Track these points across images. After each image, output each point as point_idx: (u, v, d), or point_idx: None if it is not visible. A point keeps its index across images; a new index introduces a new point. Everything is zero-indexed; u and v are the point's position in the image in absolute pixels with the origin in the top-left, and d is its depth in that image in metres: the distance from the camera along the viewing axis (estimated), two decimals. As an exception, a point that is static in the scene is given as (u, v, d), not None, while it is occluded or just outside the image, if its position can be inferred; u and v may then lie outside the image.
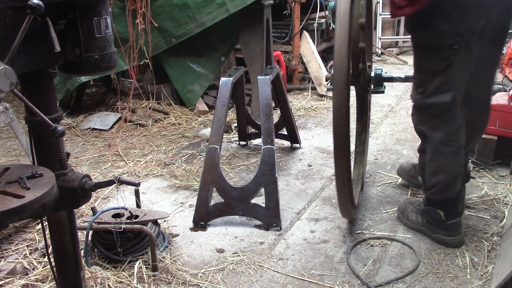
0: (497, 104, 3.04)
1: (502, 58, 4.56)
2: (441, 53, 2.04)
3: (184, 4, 4.14)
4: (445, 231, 2.32)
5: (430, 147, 2.21)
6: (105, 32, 1.27)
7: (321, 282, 2.08)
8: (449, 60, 2.03)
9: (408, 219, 2.49)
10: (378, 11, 7.13)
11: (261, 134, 2.61)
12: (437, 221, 2.33)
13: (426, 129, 2.20)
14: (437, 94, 2.10)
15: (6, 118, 2.61)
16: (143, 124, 4.16)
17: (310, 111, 4.57)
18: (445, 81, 2.07)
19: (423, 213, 2.41)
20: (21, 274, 2.09)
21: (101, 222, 2.12)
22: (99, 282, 2.00)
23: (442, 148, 2.17)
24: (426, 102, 2.14)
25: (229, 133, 3.93)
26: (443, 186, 2.24)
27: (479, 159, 3.11)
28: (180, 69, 4.54)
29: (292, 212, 2.69)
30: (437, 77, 2.08)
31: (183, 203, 2.82)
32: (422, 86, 2.14)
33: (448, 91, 2.08)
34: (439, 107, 2.11)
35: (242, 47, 4.11)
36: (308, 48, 5.24)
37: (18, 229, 2.45)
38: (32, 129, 1.28)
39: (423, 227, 2.41)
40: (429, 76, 2.10)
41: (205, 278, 2.11)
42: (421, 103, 2.18)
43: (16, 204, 1.04)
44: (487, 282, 2.04)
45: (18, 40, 1.04)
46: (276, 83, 3.15)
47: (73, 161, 3.43)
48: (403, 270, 2.14)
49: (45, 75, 1.24)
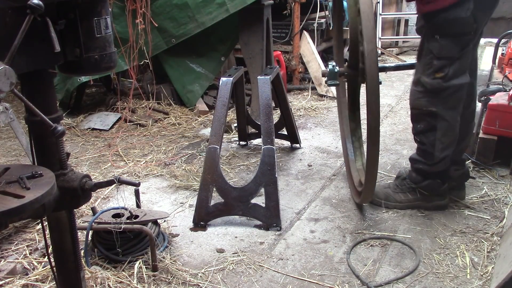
0: (497, 104, 3.04)
1: (502, 58, 4.56)
2: (461, 40, 2.30)
3: (184, 4, 4.14)
4: (440, 196, 2.60)
5: (444, 124, 2.42)
6: (105, 32, 1.27)
7: (321, 282, 2.08)
8: (467, 46, 2.32)
9: (397, 201, 2.66)
10: (378, 11, 7.13)
11: (261, 134, 2.61)
12: (435, 189, 2.58)
13: (439, 109, 2.40)
14: (457, 77, 2.35)
15: (6, 118, 2.61)
16: (143, 124, 4.16)
17: (310, 111, 4.57)
18: (462, 64, 2.34)
19: (414, 189, 2.62)
20: (21, 274, 2.09)
21: (101, 222, 2.12)
22: (99, 282, 2.00)
23: (455, 124, 2.44)
24: (447, 85, 2.35)
25: (229, 133, 3.93)
26: (449, 158, 2.50)
27: (479, 159, 3.11)
28: (180, 69, 4.54)
29: (292, 212, 2.69)
30: (456, 61, 2.32)
31: (183, 203, 2.82)
32: (442, 71, 2.35)
33: (464, 73, 2.36)
34: (458, 87, 2.36)
35: (242, 47, 4.11)
36: (308, 48, 5.24)
37: (18, 229, 2.45)
38: (32, 129, 1.28)
39: (417, 201, 2.63)
40: (449, 61, 2.33)
41: (205, 278, 2.11)
42: (440, 86, 2.36)
43: (16, 204, 1.04)
44: (487, 282, 2.04)
45: (18, 40, 1.04)
46: (276, 83, 3.15)
47: (73, 161, 3.43)
48: (403, 270, 2.15)
49: (45, 75, 1.24)
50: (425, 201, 2.61)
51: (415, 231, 2.45)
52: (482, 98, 3.64)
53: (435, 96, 2.38)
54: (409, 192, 2.64)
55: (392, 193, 2.68)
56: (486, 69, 4.78)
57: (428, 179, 2.57)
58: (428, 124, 2.45)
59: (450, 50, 2.31)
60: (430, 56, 2.36)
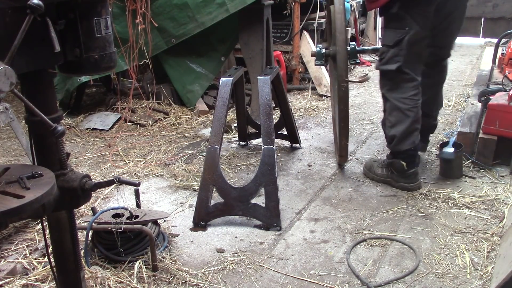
0: (497, 104, 3.04)
1: (502, 58, 4.56)
2: (396, 32, 2.68)
3: (184, 4, 4.14)
4: (406, 179, 2.86)
5: (388, 105, 2.83)
6: (105, 32, 1.27)
7: (321, 282, 2.08)
8: (400, 37, 2.66)
9: (374, 174, 3.01)
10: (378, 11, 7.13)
11: (261, 134, 2.61)
12: (400, 171, 2.85)
13: (384, 91, 2.84)
14: (388, 64, 2.75)
15: (6, 118, 2.60)
16: (143, 124, 4.16)
17: (310, 111, 4.57)
18: (395, 53, 2.70)
19: (388, 166, 2.93)
20: (21, 274, 2.09)
21: (101, 222, 2.12)
22: (99, 282, 2.00)
23: (398, 105, 2.76)
24: (381, 69, 2.82)
25: (229, 133, 3.93)
26: (399, 138, 2.79)
27: (479, 159, 3.11)
28: (180, 69, 4.54)
29: (292, 212, 2.69)
30: (390, 50, 2.72)
31: (183, 203, 2.82)
32: (381, 56, 2.81)
33: (396, 62, 2.70)
34: (390, 73, 2.75)
35: (242, 47, 4.11)
36: (308, 48, 5.24)
37: (18, 229, 2.45)
38: (32, 129, 1.28)
39: (388, 178, 2.93)
40: (386, 48, 2.76)
41: (205, 278, 2.11)
42: (379, 69, 2.85)
43: (16, 204, 1.04)
44: (487, 282, 2.04)
45: (18, 40, 1.04)
46: (276, 83, 3.15)
47: (73, 161, 3.43)
48: (403, 270, 2.15)
49: (45, 75, 1.24)
50: (393, 180, 2.91)
51: (415, 231, 2.45)
52: (482, 98, 3.64)
53: (381, 78, 2.86)
54: (385, 168, 2.96)
55: (375, 166, 3.03)
56: (486, 69, 4.78)
57: (393, 158, 2.89)
58: (383, 105, 2.91)
59: (387, 39, 2.75)
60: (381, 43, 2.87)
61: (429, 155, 3.34)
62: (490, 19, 7.67)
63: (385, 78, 2.82)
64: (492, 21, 7.66)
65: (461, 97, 4.75)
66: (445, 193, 2.79)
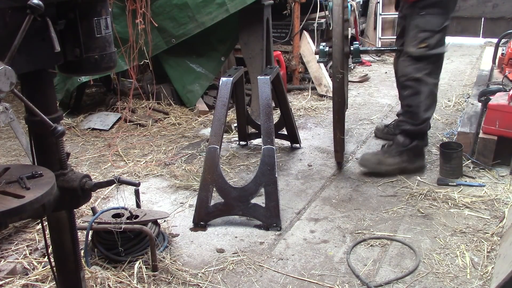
0: (497, 104, 3.04)
1: (502, 58, 4.56)
2: (442, 17, 2.82)
3: (184, 4, 4.14)
4: (421, 157, 3.09)
5: (426, 88, 2.92)
6: (105, 32, 1.27)
7: (321, 282, 2.08)
8: (447, 22, 2.84)
9: (388, 165, 3.03)
10: (378, 11, 7.13)
11: (261, 134, 2.61)
12: (420, 150, 3.05)
13: (423, 75, 2.90)
14: (436, 48, 2.86)
15: (6, 118, 2.61)
16: (143, 124, 4.16)
17: (310, 111, 4.57)
18: (441, 37, 2.87)
19: (403, 152, 3.03)
20: (21, 274, 2.09)
21: (101, 222, 2.12)
22: (99, 282, 2.00)
23: (435, 88, 2.96)
24: (430, 53, 2.86)
25: (229, 133, 3.93)
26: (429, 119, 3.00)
27: (479, 159, 3.11)
28: (180, 69, 4.54)
29: (292, 212, 2.69)
30: (436, 34, 2.84)
31: (183, 203, 2.82)
32: (425, 42, 2.85)
33: (444, 45, 2.90)
34: (435, 57, 2.88)
35: (242, 47, 4.10)
36: (308, 48, 5.24)
37: (18, 229, 2.45)
38: (32, 129, 1.28)
39: (404, 163, 3.03)
40: (430, 34, 2.84)
41: (205, 278, 2.11)
42: (424, 54, 2.86)
43: (16, 204, 1.04)
44: (487, 282, 2.04)
45: (18, 40, 1.04)
46: (276, 83, 3.15)
47: (73, 161, 3.43)
48: (403, 270, 2.15)
49: (45, 75, 1.24)
50: (409, 163, 3.03)
51: (415, 231, 2.45)
52: (482, 98, 3.64)
53: (419, 63, 2.89)
54: (398, 156, 3.03)
55: (383, 158, 3.06)
56: (486, 69, 4.78)
57: (415, 140, 3.00)
58: (414, 89, 2.94)
59: (431, 25, 2.83)
60: (416, 31, 2.88)
61: (429, 155, 3.34)
62: (490, 19, 7.67)
63: (425, 62, 2.88)
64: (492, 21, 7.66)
65: (461, 97, 4.75)
66: (445, 193, 2.79)
